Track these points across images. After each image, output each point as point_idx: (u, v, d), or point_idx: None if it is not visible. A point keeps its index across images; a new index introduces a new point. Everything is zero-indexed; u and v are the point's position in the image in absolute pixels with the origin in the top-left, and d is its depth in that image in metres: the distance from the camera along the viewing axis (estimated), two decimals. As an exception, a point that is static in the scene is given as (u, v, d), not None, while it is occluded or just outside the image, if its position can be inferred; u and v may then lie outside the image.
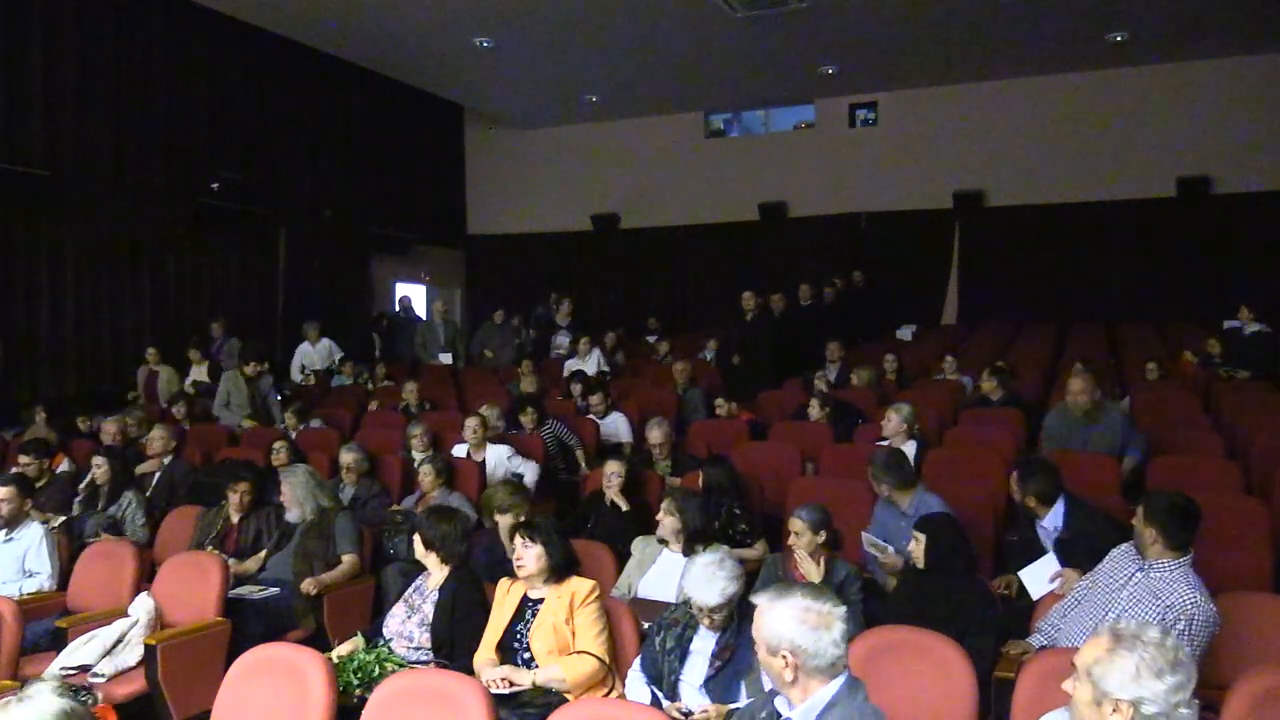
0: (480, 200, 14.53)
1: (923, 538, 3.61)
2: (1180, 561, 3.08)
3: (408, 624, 3.52)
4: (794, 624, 2.11)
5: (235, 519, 4.94)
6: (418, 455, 6.09)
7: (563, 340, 9.94)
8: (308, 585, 4.35)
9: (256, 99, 10.62)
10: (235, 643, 3.90)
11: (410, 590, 3.67)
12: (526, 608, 3.31)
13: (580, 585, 3.28)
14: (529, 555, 3.27)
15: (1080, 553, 3.77)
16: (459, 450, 6.10)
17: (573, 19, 9.67)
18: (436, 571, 3.60)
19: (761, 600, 2.20)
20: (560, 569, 3.31)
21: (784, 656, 2.10)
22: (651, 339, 11.32)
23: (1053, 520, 4.02)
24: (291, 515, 4.69)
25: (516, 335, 11.00)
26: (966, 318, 12.04)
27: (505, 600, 3.38)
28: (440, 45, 10.59)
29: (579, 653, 3.14)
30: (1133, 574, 3.15)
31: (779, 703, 2.18)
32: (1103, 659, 1.99)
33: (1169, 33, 10.10)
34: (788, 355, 8.45)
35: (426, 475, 5.35)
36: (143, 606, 4.09)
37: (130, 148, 9.29)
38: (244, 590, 4.44)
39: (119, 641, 3.94)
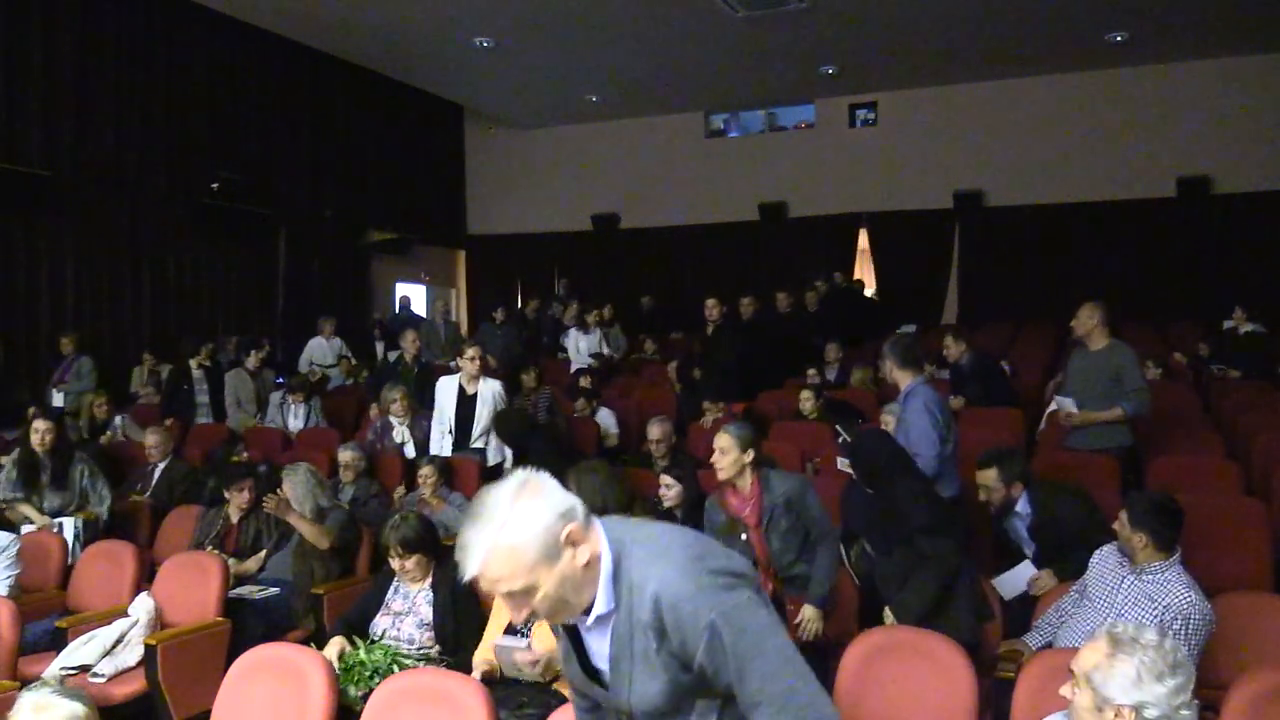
0: (480, 200, 14.53)
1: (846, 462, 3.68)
2: (1171, 561, 3.07)
3: (402, 627, 3.51)
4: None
5: (235, 519, 4.95)
6: (396, 421, 6.07)
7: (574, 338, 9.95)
8: (270, 501, 4.43)
9: (256, 99, 10.62)
10: (235, 643, 3.90)
11: (390, 596, 3.64)
12: None
13: None
14: None
15: (1049, 538, 3.79)
16: (448, 383, 6.05)
17: (573, 19, 9.67)
18: (421, 572, 3.61)
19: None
20: None
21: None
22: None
23: (1023, 506, 3.97)
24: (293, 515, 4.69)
25: (516, 335, 11.00)
26: (966, 318, 12.04)
27: (495, 613, 3.37)
28: (440, 45, 10.58)
29: None
30: (1124, 578, 3.13)
31: None
32: (1102, 665, 1.98)
33: (1169, 33, 10.10)
34: (761, 367, 7.84)
35: (429, 478, 5.31)
36: (143, 606, 4.09)
37: (130, 148, 9.29)
38: (244, 590, 4.45)
39: (119, 641, 3.95)
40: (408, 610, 3.56)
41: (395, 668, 3.20)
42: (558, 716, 2.56)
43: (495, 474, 5.75)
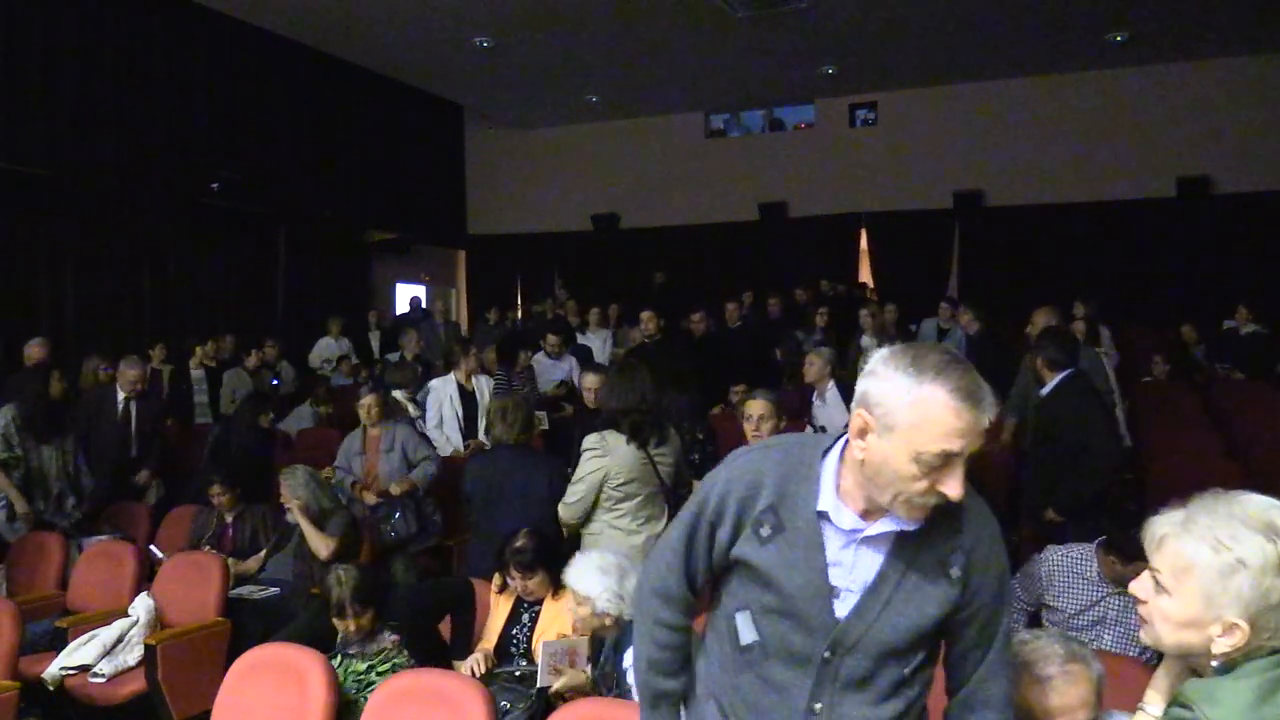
0: (480, 200, 14.52)
1: None
2: None
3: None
4: None
5: (229, 518, 4.95)
6: (401, 398, 6.25)
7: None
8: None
9: (256, 99, 10.60)
10: (235, 643, 3.90)
11: (339, 644, 3.27)
12: (522, 611, 3.29)
13: None
14: (533, 582, 3.25)
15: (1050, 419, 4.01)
16: (445, 383, 6.18)
17: (573, 19, 9.67)
18: (370, 623, 3.24)
19: None
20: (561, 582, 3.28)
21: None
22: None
23: (1048, 389, 4.20)
24: (291, 517, 4.69)
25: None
26: (966, 318, 12.04)
27: (499, 604, 3.36)
28: (440, 45, 10.58)
29: None
30: (1104, 594, 3.10)
31: None
32: None
33: (1169, 33, 10.10)
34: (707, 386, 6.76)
35: (371, 406, 5.35)
36: (143, 606, 4.10)
37: (130, 148, 9.28)
38: (244, 590, 4.45)
39: (119, 641, 3.95)
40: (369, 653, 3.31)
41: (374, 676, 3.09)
42: (557, 716, 2.56)
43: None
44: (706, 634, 1.76)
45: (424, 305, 12.11)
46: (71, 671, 3.85)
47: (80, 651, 3.89)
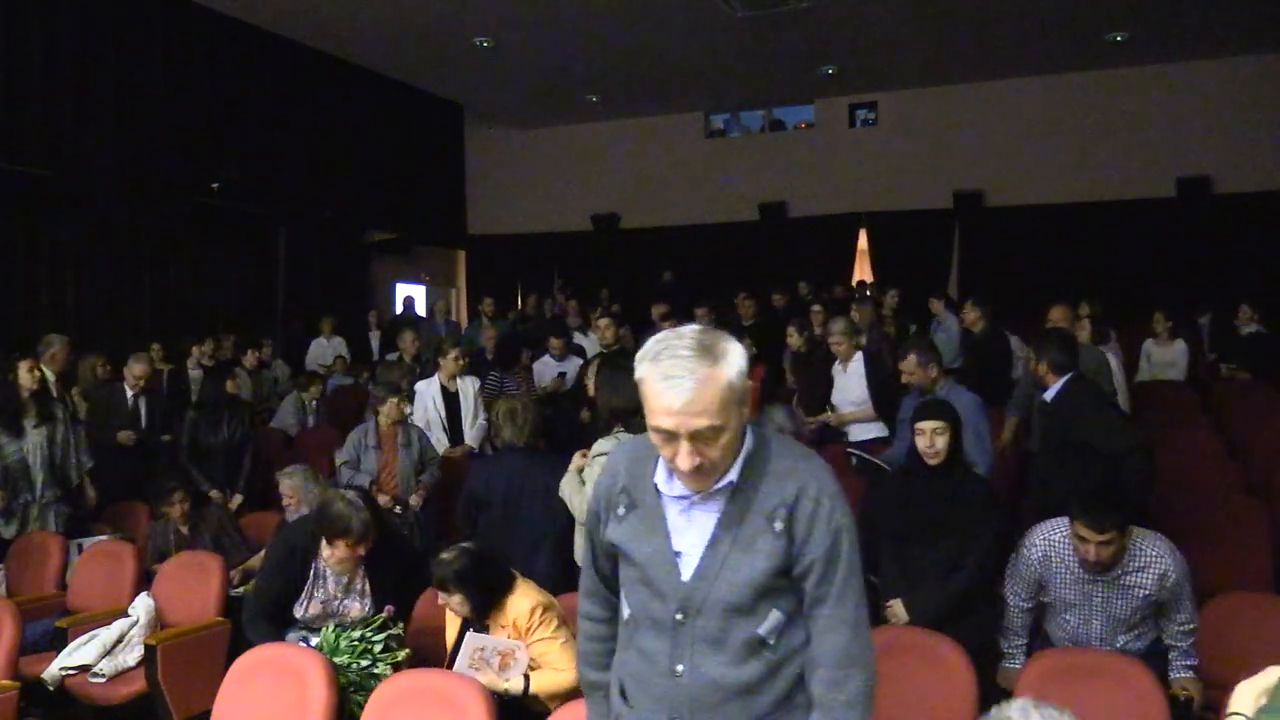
0: (480, 200, 14.53)
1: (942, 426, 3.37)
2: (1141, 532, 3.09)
3: (339, 603, 3.40)
4: None
5: (184, 530, 4.79)
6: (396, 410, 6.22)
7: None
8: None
9: (256, 99, 10.60)
10: (235, 643, 3.90)
11: (311, 582, 3.39)
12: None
13: (517, 612, 3.09)
14: (453, 603, 3.15)
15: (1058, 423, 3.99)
16: (428, 385, 6.18)
17: (573, 19, 9.67)
18: (357, 555, 3.32)
19: None
20: (489, 601, 3.13)
21: None
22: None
23: (1053, 393, 4.11)
24: (292, 516, 4.69)
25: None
26: (966, 318, 12.03)
27: (449, 623, 3.31)
28: (440, 45, 10.59)
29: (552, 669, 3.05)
30: (1098, 577, 3.08)
31: None
32: None
33: (1169, 33, 10.11)
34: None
35: (391, 412, 5.32)
36: (143, 606, 4.10)
37: (130, 148, 9.28)
38: (245, 590, 4.44)
39: (119, 641, 3.95)
40: (343, 593, 3.39)
41: (369, 654, 3.10)
42: (557, 717, 2.57)
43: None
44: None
45: (415, 306, 12.11)
46: (71, 671, 3.86)
47: (80, 651, 3.89)
